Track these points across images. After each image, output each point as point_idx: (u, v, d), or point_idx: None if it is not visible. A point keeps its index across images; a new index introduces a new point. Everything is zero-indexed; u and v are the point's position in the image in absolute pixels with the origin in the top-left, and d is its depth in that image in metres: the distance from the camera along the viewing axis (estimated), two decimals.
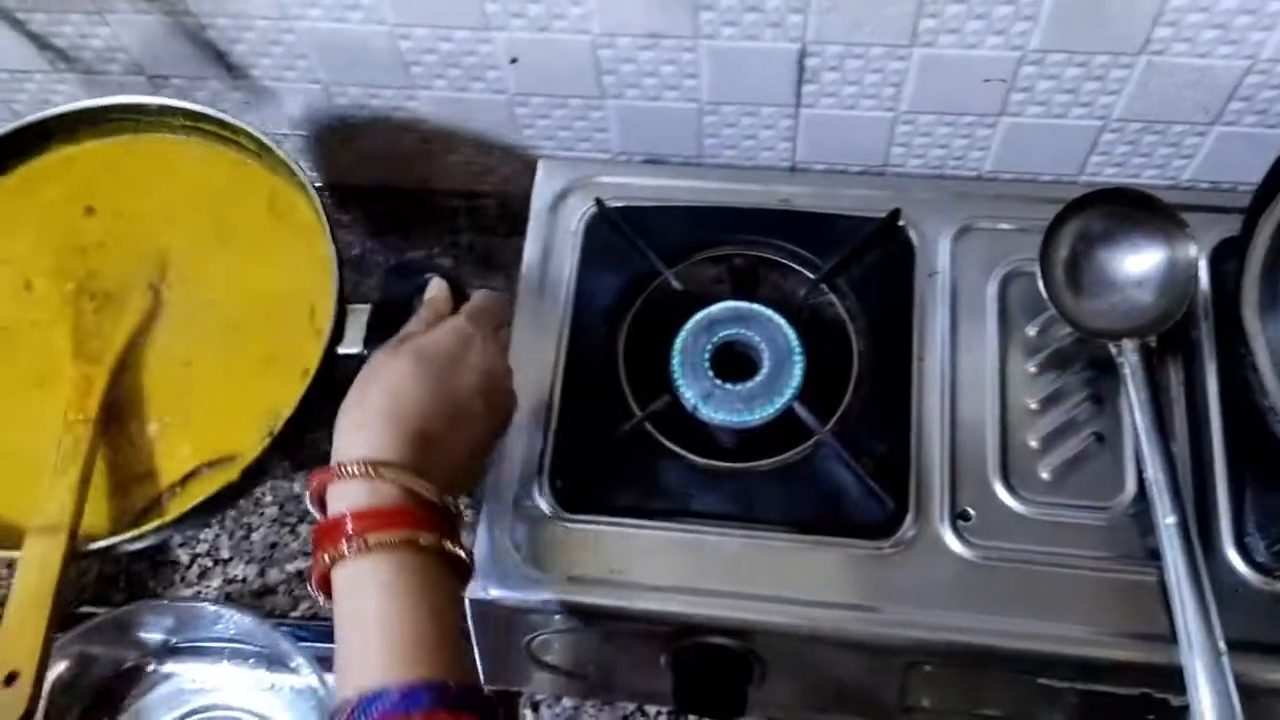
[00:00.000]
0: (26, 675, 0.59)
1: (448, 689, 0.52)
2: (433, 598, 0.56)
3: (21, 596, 0.62)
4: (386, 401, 0.61)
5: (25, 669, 0.59)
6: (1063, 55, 0.76)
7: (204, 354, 0.76)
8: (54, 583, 0.63)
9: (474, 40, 0.82)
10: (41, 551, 0.64)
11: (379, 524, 0.56)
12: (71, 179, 0.82)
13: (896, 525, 0.71)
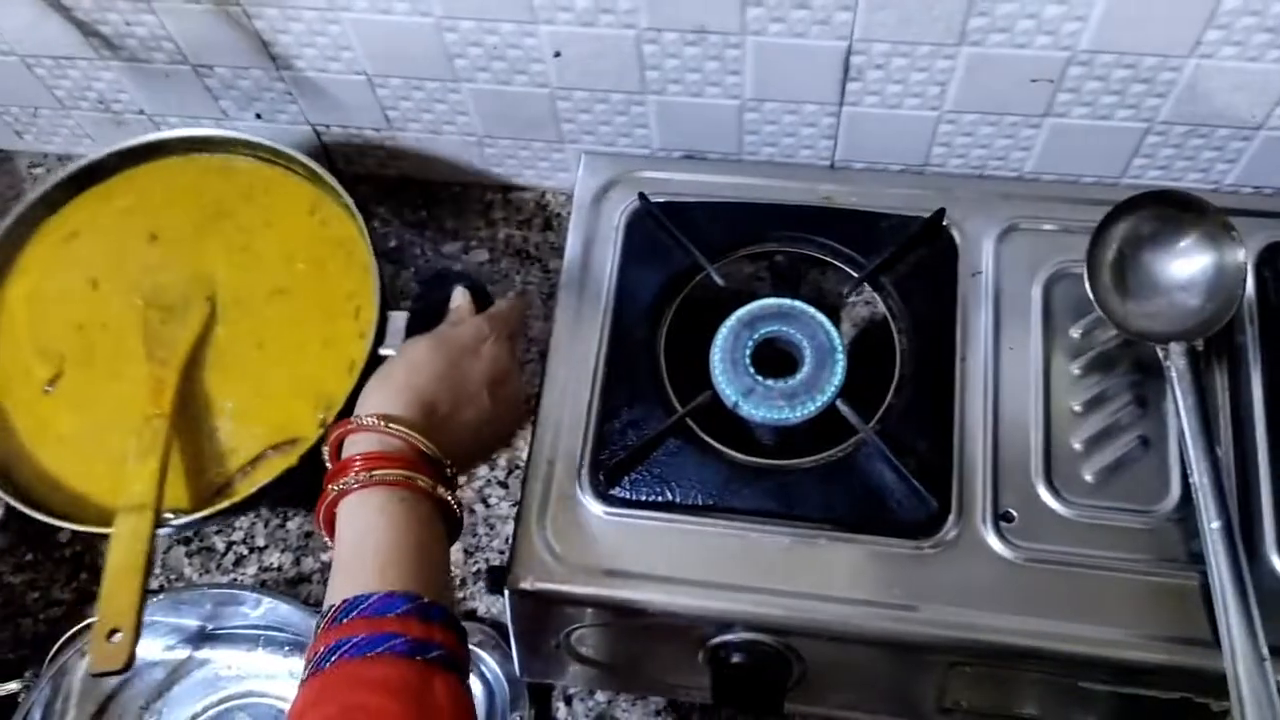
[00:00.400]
0: (126, 632, 0.68)
1: (423, 602, 0.58)
2: (421, 530, 0.63)
3: (116, 565, 0.71)
4: (403, 375, 0.70)
5: (125, 626, 0.68)
6: (1112, 56, 0.76)
7: (266, 342, 0.84)
8: (144, 553, 0.72)
9: (519, 33, 0.82)
10: (131, 527, 0.73)
11: (384, 464, 0.64)
12: (141, 194, 0.91)
13: (939, 525, 0.70)
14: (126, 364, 0.83)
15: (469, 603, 0.86)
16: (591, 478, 0.74)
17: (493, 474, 0.91)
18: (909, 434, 0.73)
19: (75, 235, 0.89)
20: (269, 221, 0.89)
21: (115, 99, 0.99)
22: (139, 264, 0.87)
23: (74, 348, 0.84)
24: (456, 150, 0.98)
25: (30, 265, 0.88)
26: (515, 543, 0.72)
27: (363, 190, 1.04)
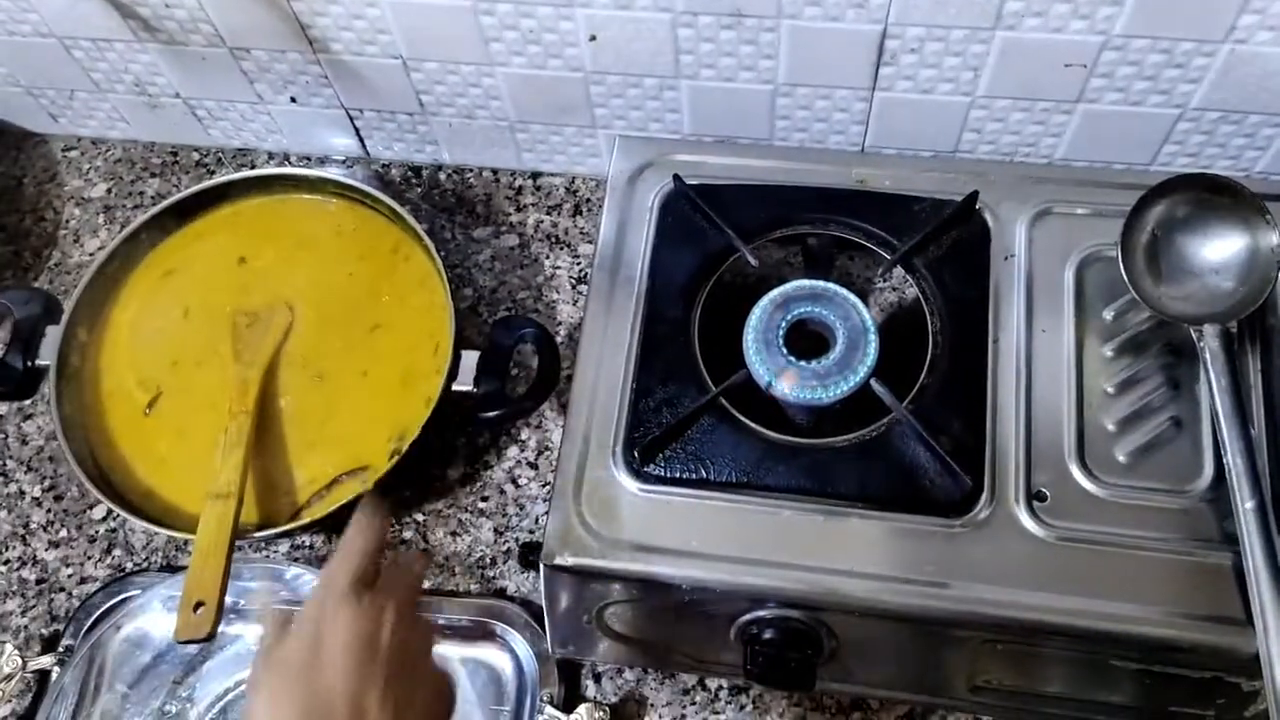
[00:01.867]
0: (210, 604, 0.74)
1: None
2: None
3: (203, 546, 0.77)
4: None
5: (209, 599, 0.74)
6: (1146, 41, 0.76)
7: (348, 373, 0.89)
8: (228, 535, 0.78)
9: (555, 17, 0.83)
10: (218, 512, 0.79)
11: None
12: (233, 230, 0.96)
13: (971, 504, 0.71)
14: (218, 396, 0.87)
15: (499, 581, 0.87)
16: (626, 455, 0.74)
17: (523, 455, 0.91)
18: (942, 413, 0.74)
19: (171, 273, 0.95)
20: (356, 256, 0.94)
21: (151, 82, 1.00)
22: (228, 285, 0.93)
23: (169, 379, 0.90)
24: (488, 135, 0.99)
25: (133, 296, 0.94)
26: (550, 518, 0.73)
27: (391, 175, 1.05)
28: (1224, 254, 0.73)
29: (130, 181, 1.08)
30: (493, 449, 0.92)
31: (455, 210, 1.03)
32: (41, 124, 1.10)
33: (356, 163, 1.06)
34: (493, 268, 1.00)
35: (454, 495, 0.91)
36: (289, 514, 0.84)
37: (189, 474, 0.85)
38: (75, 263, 1.04)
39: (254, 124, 1.03)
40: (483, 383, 0.84)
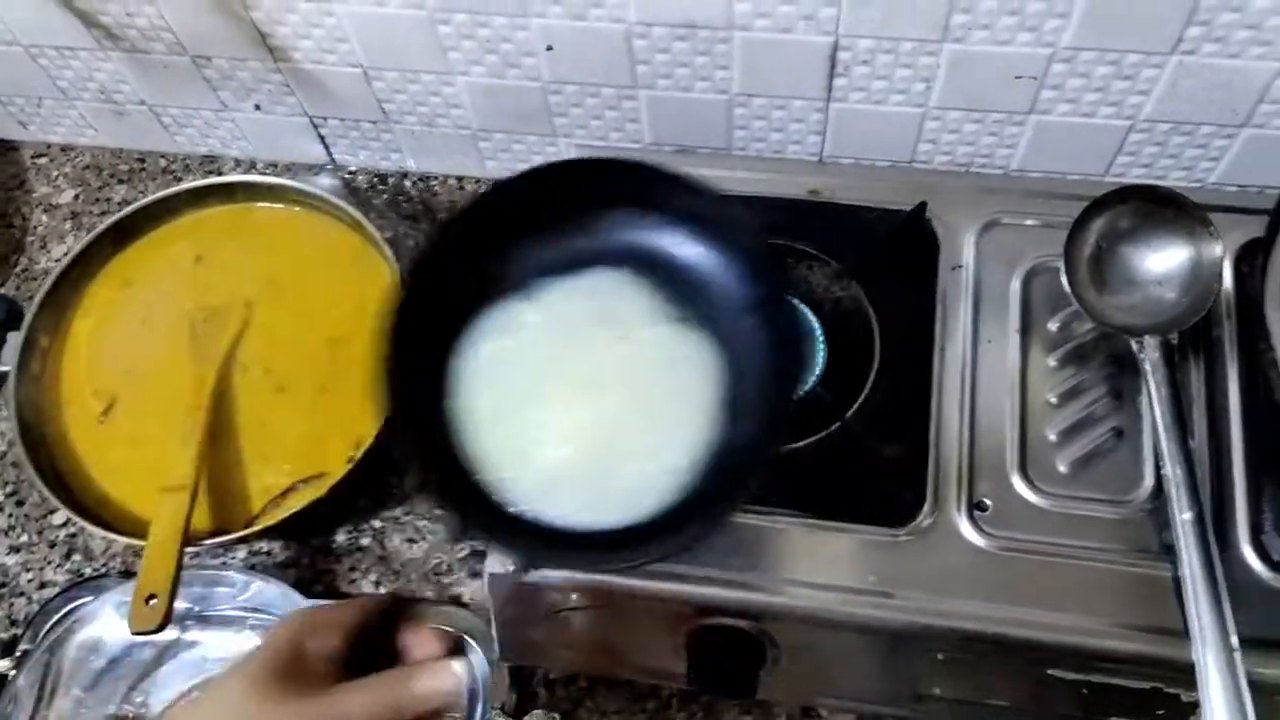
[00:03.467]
0: (162, 597, 0.76)
1: None
2: None
3: (157, 539, 0.78)
4: None
5: (161, 592, 0.76)
6: (1094, 53, 0.77)
7: (306, 383, 0.90)
8: (180, 529, 0.79)
9: (511, 27, 0.84)
10: (171, 505, 0.80)
11: None
12: (194, 238, 0.97)
13: (914, 513, 0.71)
14: (172, 405, 0.88)
15: (455, 588, 0.87)
16: None
17: None
18: (886, 422, 0.74)
19: (130, 283, 0.96)
20: (318, 264, 0.94)
21: (116, 89, 1.00)
22: (185, 287, 0.94)
23: (125, 389, 0.91)
24: (451, 143, 1.00)
25: (94, 304, 0.95)
26: None
27: (358, 183, 1.05)
28: (1167, 265, 0.73)
29: (98, 188, 1.09)
30: None
31: (420, 218, 1.04)
32: (11, 131, 1.10)
33: (323, 170, 1.06)
34: None
35: (411, 502, 0.91)
36: (244, 521, 0.85)
37: (143, 481, 0.86)
38: (41, 269, 1.05)
39: (219, 131, 1.04)
40: None
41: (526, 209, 0.70)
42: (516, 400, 0.67)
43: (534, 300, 0.71)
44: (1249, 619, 0.65)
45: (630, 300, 0.71)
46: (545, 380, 0.68)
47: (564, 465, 0.65)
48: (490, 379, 0.68)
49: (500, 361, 0.69)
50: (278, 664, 0.60)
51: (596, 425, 0.67)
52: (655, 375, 0.68)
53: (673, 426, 0.66)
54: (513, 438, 0.66)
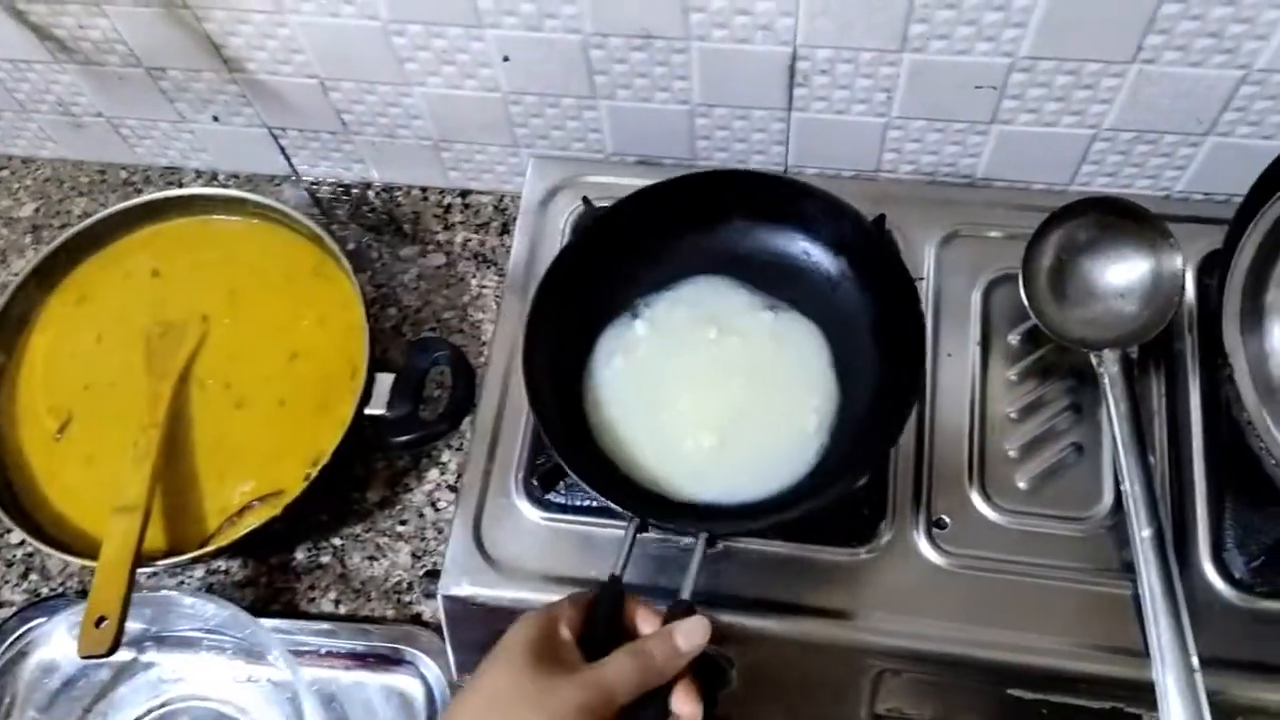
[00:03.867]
0: (112, 619, 0.74)
1: None
2: None
3: (107, 560, 0.77)
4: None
5: (111, 615, 0.74)
6: (1053, 62, 0.76)
7: (257, 398, 0.88)
8: (132, 550, 0.77)
9: (466, 38, 0.83)
10: (123, 526, 0.78)
11: None
12: (152, 251, 0.95)
13: (872, 532, 0.70)
14: (128, 422, 0.86)
15: (415, 606, 0.86)
16: (527, 483, 0.74)
17: (443, 477, 0.90)
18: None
19: (85, 298, 0.93)
20: (278, 277, 0.92)
21: (74, 102, 0.99)
22: (142, 301, 0.92)
23: (81, 406, 0.89)
24: (413, 154, 0.98)
25: (51, 319, 0.93)
26: (450, 546, 0.72)
27: (322, 193, 1.04)
28: (1128, 278, 0.72)
29: (58, 201, 1.07)
30: (413, 472, 0.91)
31: (383, 229, 1.02)
32: None
33: (285, 180, 1.05)
34: (418, 287, 0.99)
35: (372, 519, 0.90)
36: (199, 541, 0.83)
37: (98, 500, 0.84)
38: (1, 283, 1.03)
39: (179, 143, 1.02)
40: (396, 406, 0.83)
41: (623, 236, 0.77)
42: (649, 408, 0.74)
43: (643, 317, 0.77)
44: (1210, 638, 0.65)
45: (726, 299, 0.78)
46: (670, 385, 0.74)
47: (712, 453, 0.72)
48: (620, 394, 0.74)
49: (626, 377, 0.75)
50: (536, 650, 0.59)
51: (728, 411, 0.73)
52: (765, 356, 0.75)
53: (794, 396, 0.73)
54: (658, 440, 0.72)
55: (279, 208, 0.92)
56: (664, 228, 0.78)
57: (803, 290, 0.77)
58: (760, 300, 0.77)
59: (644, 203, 0.77)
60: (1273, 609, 0.66)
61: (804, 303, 0.76)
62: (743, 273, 0.78)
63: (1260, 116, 0.78)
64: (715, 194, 0.77)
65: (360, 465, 0.91)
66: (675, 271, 0.78)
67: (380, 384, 0.84)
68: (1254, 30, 0.71)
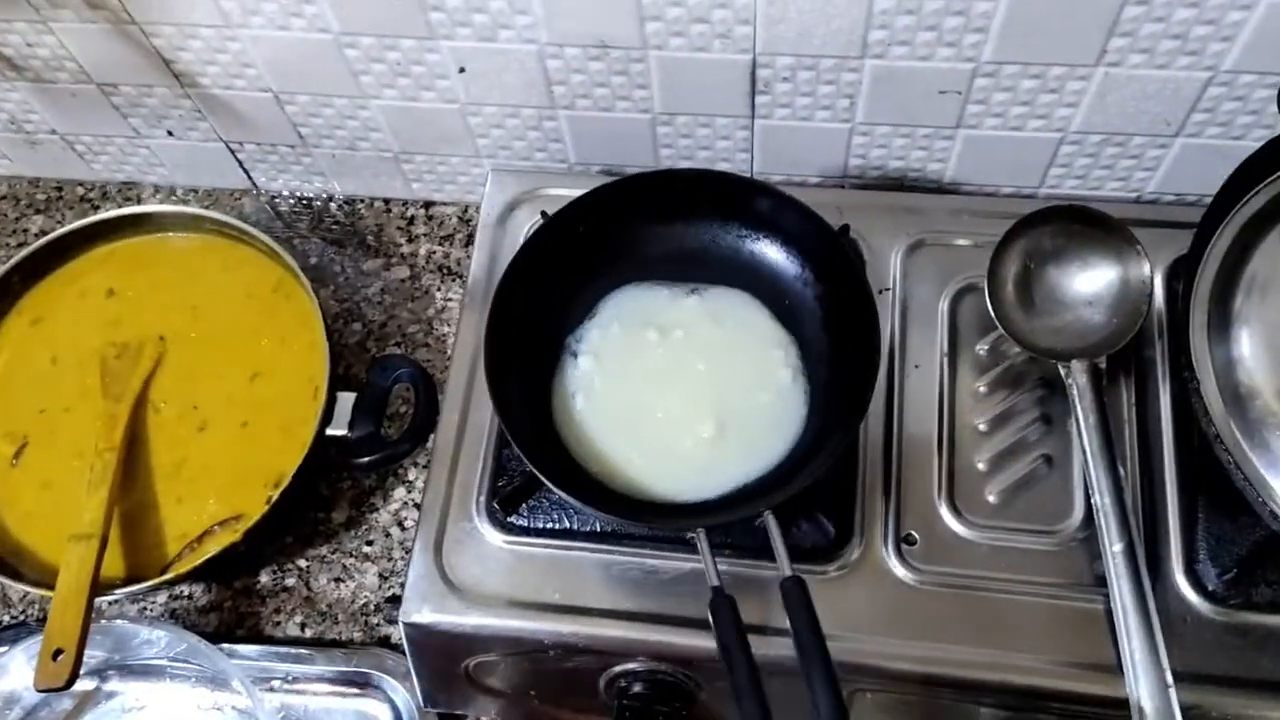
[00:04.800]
0: (69, 652, 0.73)
1: None
2: None
3: (64, 591, 0.75)
4: None
5: (68, 647, 0.73)
6: (1017, 67, 0.74)
7: (218, 420, 0.86)
8: (89, 579, 0.75)
9: (420, 50, 0.81)
10: (79, 554, 0.77)
11: None
12: (108, 270, 0.93)
13: (840, 549, 0.69)
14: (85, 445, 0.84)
15: (382, 628, 0.84)
16: (489, 505, 0.72)
17: (409, 496, 0.89)
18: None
19: (40, 320, 0.92)
20: (239, 295, 0.91)
21: (26, 119, 0.97)
22: (97, 322, 0.90)
23: (37, 431, 0.87)
24: (375, 166, 0.97)
25: (4, 344, 0.91)
26: (410, 572, 0.71)
27: (282, 206, 1.02)
28: (1095, 286, 0.71)
29: (14, 219, 1.05)
30: (379, 490, 0.90)
31: (345, 243, 1.01)
32: None
33: (245, 194, 1.03)
34: (383, 301, 0.97)
35: (338, 539, 0.88)
36: (159, 567, 0.82)
37: (56, 527, 0.82)
38: None
39: (135, 158, 1.00)
40: (358, 426, 0.82)
41: (543, 274, 0.75)
42: (631, 426, 0.72)
43: (582, 353, 0.76)
44: (1183, 651, 0.64)
45: (647, 302, 0.77)
46: (641, 398, 0.73)
47: (715, 441, 0.71)
48: (597, 428, 0.73)
49: (595, 412, 0.73)
50: None
51: (709, 395, 0.73)
52: (712, 334, 0.75)
53: (758, 355, 0.74)
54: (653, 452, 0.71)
55: (236, 224, 0.91)
56: (574, 254, 0.77)
57: (710, 266, 0.77)
58: (679, 290, 0.77)
59: (542, 241, 0.76)
60: (1246, 621, 0.65)
61: (717, 275, 0.77)
62: (650, 273, 0.78)
63: (1229, 117, 0.77)
64: (616, 206, 0.77)
65: (325, 485, 0.90)
66: (592, 296, 0.78)
67: (342, 403, 0.83)
68: (1219, 32, 0.70)
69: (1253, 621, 0.65)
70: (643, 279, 0.78)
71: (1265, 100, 0.75)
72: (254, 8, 0.79)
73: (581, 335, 0.76)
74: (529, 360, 0.73)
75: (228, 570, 0.87)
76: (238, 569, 0.87)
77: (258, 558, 0.87)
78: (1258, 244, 0.66)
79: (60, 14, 0.83)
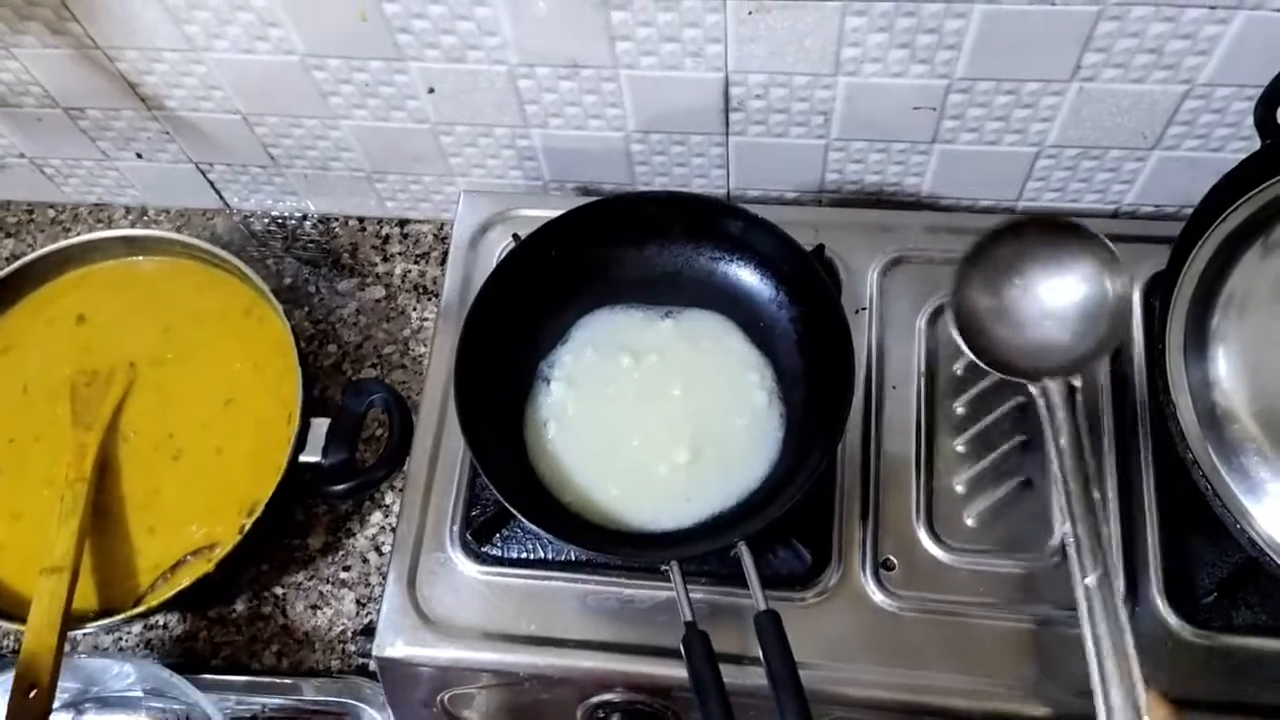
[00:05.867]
0: (42, 688, 0.72)
1: None
2: None
3: (36, 625, 0.74)
4: None
5: (41, 683, 0.72)
6: (990, 83, 0.74)
7: (192, 448, 0.85)
8: (60, 613, 0.74)
9: (389, 71, 0.80)
10: (50, 588, 0.75)
11: None
12: (79, 296, 0.92)
13: (817, 575, 0.68)
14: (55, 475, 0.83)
15: (360, 657, 0.83)
16: (463, 536, 0.71)
17: (386, 520, 0.88)
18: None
19: (9, 348, 0.90)
20: (212, 318, 0.90)
21: None
22: (67, 349, 0.89)
23: (6, 461, 0.86)
24: (348, 185, 0.96)
25: None
26: (384, 604, 0.70)
27: (256, 226, 1.01)
28: (1070, 301, 0.68)
29: None
30: (355, 516, 0.89)
31: (320, 262, 1.00)
32: None
33: (217, 214, 1.02)
34: (358, 322, 0.96)
35: (315, 566, 0.87)
36: (132, 599, 0.81)
37: (27, 559, 0.81)
38: None
39: (105, 180, 0.99)
40: (332, 453, 0.80)
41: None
42: (606, 454, 0.72)
43: (555, 379, 0.75)
44: (1163, 674, 0.63)
45: (620, 325, 0.77)
46: (616, 425, 0.73)
47: (690, 466, 0.71)
48: (570, 456, 0.72)
49: (569, 439, 0.73)
50: None
51: (685, 421, 0.72)
52: (687, 358, 0.75)
53: (733, 379, 0.73)
54: (628, 479, 0.71)
55: (207, 248, 0.89)
56: (546, 278, 0.76)
57: (684, 289, 0.77)
58: (653, 313, 0.77)
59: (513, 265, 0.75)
60: (1228, 644, 0.64)
61: (691, 298, 0.77)
62: (623, 297, 0.78)
63: (1207, 129, 0.76)
64: (588, 229, 0.76)
65: (300, 510, 0.89)
66: (565, 321, 0.77)
67: (315, 429, 0.82)
68: (1195, 46, 0.70)
69: (1234, 644, 0.64)
70: (616, 302, 0.77)
71: (1243, 112, 0.74)
72: (217, 32, 0.78)
73: (554, 361, 0.75)
74: (501, 388, 0.72)
75: (202, 600, 0.86)
76: (212, 598, 0.86)
77: (233, 586, 0.86)
78: (1236, 261, 0.65)
79: (22, 39, 0.82)
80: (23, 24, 0.80)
